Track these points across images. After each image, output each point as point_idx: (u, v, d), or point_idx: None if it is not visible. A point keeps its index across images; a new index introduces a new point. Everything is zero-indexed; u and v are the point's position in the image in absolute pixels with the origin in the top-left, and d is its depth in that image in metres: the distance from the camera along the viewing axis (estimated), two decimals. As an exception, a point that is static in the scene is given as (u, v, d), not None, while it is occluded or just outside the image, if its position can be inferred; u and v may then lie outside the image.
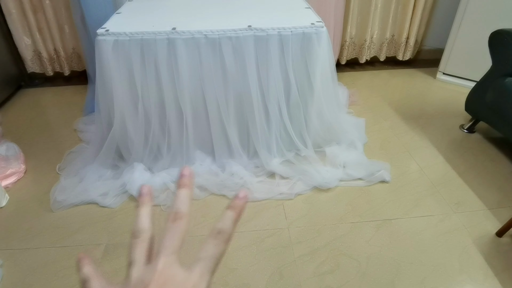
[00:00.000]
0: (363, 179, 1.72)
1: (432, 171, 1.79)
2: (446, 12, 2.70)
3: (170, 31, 1.47)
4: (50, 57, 2.58)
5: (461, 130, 2.10)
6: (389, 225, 1.50)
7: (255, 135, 1.75)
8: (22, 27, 2.47)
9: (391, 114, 2.26)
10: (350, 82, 2.63)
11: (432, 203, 1.61)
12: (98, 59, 1.49)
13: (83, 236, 1.49)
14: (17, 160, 1.85)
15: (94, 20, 2.04)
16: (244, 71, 1.59)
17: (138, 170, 1.68)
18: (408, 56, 2.83)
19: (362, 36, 2.73)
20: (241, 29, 1.52)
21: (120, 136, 1.67)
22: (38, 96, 2.57)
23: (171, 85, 1.56)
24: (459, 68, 2.55)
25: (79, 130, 2.11)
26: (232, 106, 1.68)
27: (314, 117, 1.77)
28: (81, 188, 1.66)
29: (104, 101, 1.60)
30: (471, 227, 1.49)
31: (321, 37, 1.57)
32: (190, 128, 1.69)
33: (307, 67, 1.63)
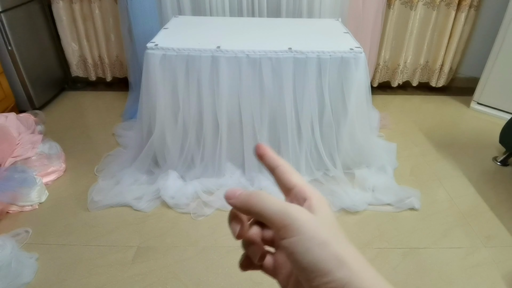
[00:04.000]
0: (392, 204, 1.72)
1: (462, 201, 1.77)
2: (483, 41, 2.68)
3: (215, 49, 1.55)
4: (94, 63, 2.73)
5: (494, 162, 2.07)
6: (417, 254, 1.49)
7: (286, 152, 1.79)
8: (71, 34, 2.62)
9: (422, 141, 2.26)
10: (382, 105, 2.63)
11: (462, 234, 1.59)
12: (146, 70, 1.58)
13: (116, 237, 1.55)
14: (58, 159, 1.95)
15: (140, 31, 2.15)
16: (281, 91, 1.65)
17: (171, 177, 1.75)
18: (441, 83, 2.81)
19: (395, 60, 2.74)
20: (281, 51, 1.58)
21: (158, 144, 1.75)
22: (79, 99, 2.71)
23: (210, 99, 1.63)
24: (494, 99, 2.52)
25: (117, 134, 2.21)
26: (266, 122, 1.73)
27: (346, 138, 1.80)
28: (117, 190, 1.74)
29: (147, 110, 1.69)
30: (500, 262, 1.47)
31: (359, 62, 1.61)
32: (224, 141, 1.75)
33: (343, 90, 1.67)
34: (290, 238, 0.26)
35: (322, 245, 0.25)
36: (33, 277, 1.37)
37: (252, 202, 0.28)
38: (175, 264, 1.44)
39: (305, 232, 0.26)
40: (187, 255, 1.47)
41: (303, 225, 0.26)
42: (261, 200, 0.28)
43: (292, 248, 0.26)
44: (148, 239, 1.55)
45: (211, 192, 1.75)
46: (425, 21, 2.59)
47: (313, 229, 0.26)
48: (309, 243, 0.25)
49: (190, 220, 1.64)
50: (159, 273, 1.40)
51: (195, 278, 1.38)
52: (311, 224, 0.26)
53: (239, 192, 0.29)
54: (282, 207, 0.27)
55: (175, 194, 1.71)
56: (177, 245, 1.52)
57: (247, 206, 0.28)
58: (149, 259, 1.46)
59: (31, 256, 1.44)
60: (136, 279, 1.38)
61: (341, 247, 0.26)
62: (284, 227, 0.26)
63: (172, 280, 1.37)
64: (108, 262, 1.44)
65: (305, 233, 0.26)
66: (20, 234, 1.56)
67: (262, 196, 0.28)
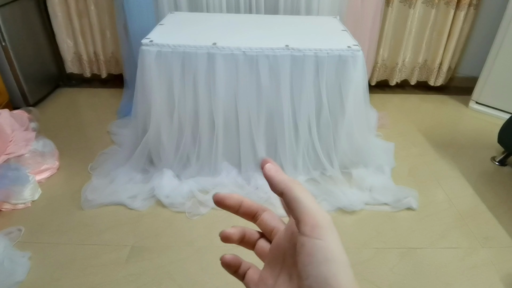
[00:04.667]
0: (389, 204, 1.70)
1: (461, 202, 1.76)
2: (483, 40, 2.67)
3: (211, 46, 1.52)
4: (89, 60, 2.70)
5: (493, 162, 2.06)
6: (414, 254, 1.48)
7: (283, 151, 1.77)
8: (66, 30, 2.59)
9: (421, 140, 2.24)
10: (380, 104, 2.62)
11: (460, 235, 1.58)
12: (141, 67, 1.55)
13: (110, 236, 1.53)
14: (52, 156, 1.92)
15: (136, 28, 2.12)
16: (278, 89, 1.63)
17: (167, 176, 1.73)
18: (440, 82, 2.80)
19: (394, 59, 2.73)
20: (278, 48, 1.56)
21: (153, 142, 1.72)
22: (74, 96, 2.69)
23: (206, 97, 1.61)
24: (493, 98, 2.50)
25: (112, 132, 2.19)
26: (263, 121, 1.71)
27: (343, 138, 1.78)
28: (112, 189, 1.71)
29: (141, 107, 1.67)
30: (499, 263, 1.45)
31: (357, 60, 1.59)
32: (220, 139, 1.73)
33: (341, 89, 1.65)
34: (315, 239, 0.25)
35: (342, 264, 0.25)
36: (26, 276, 1.35)
37: (294, 186, 0.28)
38: (169, 264, 1.42)
39: (330, 242, 0.25)
40: (182, 255, 1.46)
41: (331, 234, 0.26)
42: (302, 190, 0.28)
43: (311, 250, 0.25)
44: (143, 239, 1.53)
45: (206, 191, 1.73)
46: (424, 20, 2.57)
47: (337, 243, 0.26)
48: (330, 254, 0.25)
49: (185, 220, 1.62)
50: (154, 273, 1.38)
51: (190, 279, 1.36)
52: (336, 238, 0.26)
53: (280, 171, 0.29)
54: (318, 207, 0.27)
55: (170, 193, 1.69)
56: (172, 244, 1.50)
57: (288, 186, 0.28)
58: (144, 259, 1.44)
59: (23, 255, 1.42)
60: (130, 279, 1.36)
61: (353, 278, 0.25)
62: (313, 225, 0.26)
63: (167, 280, 1.36)
64: (102, 262, 1.42)
65: (330, 243, 0.25)
66: (13, 233, 1.53)
67: (303, 188, 0.28)
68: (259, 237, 0.35)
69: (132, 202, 1.66)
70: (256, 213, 0.35)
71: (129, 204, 1.66)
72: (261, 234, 0.35)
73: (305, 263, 0.25)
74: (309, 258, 0.25)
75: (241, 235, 0.35)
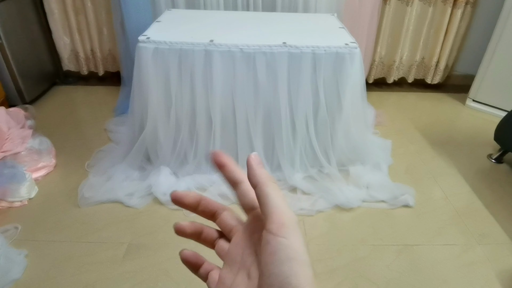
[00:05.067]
0: (386, 201, 1.71)
1: (457, 199, 1.76)
2: (480, 38, 2.67)
3: (208, 43, 1.52)
4: (86, 57, 2.68)
5: (489, 159, 2.07)
6: (411, 251, 1.48)
7: (280, 148, 1.77)
8: (63, 27, 2.58)
9: (418, 138, 2.25)
10: (377, 102, 2.62)
11: (456, 232, 1.58)
12: (137, 64, 1.55)
13: (107, 234, 1.53)
14: (48, 154, 1.92)
15: (133, 25, 2.11)
16: (275, 86, 1.62)
17: (164, 174, 1.73)
18: (437, 80, 2.80)
19: (391, 57, 2.73)
20: (276, 45, 1.55)
21: (150, 140, 1.72)
22: (71, 94, 2.67)
23: (204, 94, 1.60)
24: (490, 96, 2.51)
25: (109, 130, 2.18)
26: (260, 118, 1.70)
27: (341, 135, 1.78)
28: (108, 186, 1.71)
29: (138, 105, 1.66)
30: (495, 260, 1.46)
31: (354, 57, 1.59)
32: (217, 137, 1.73)
33: (338, 86, 1.65)
34: (280, 237, 0.26)
35: (303, 264, 0.25)
36: (22, 274, 1.35)
37: (269, 183, 0.28)
38: (166, 262, 1.41)
39: (294, 241, 0.26)
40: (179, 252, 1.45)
41: (296, 234, 0.26)
42: (276, 188, 0.28)
43: (275, 248, 0.25)
44: (140, 236, 1.52)
45: (204, 188, 1.73)
46: (421, 18, 2.57)
47: (300, 244, 0.26)
48: (293, 254, 0.25)
49: (182, 217, 1.61)
50: (151, 271, 1.38)
51: (186, 276, 1.36)
52: (300, 238, 0.26)
53: (262, 166, 0.30)
54: (286, 207, 0.27)
55: (167, 190, 1.68)
56: (169, 242, 1.50)
57: (264, 181, 0.28)
58: (141, 256, 1.44)
59: (20, 253, 1.42)
60: (127, 276, 1.36)
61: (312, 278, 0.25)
62: (279, 224, 0.26)
63: (164, 277, 1.36)
64: (98, 259, 1.42)
65: (294, 243, 0.26)
66: (9, 230, 1.53)
67: (276, 187, 0.29)
68: (219, 236, 0.35)
69: (129, 200, 1.66)
70: (216, 212, 0.35)
71: (126, 201, 1.66)
72: (220, 233, 0.35)
73: (267, 262, 0.25)
74: (272, 257, 0.25)
75: (197, 231, 0.35)
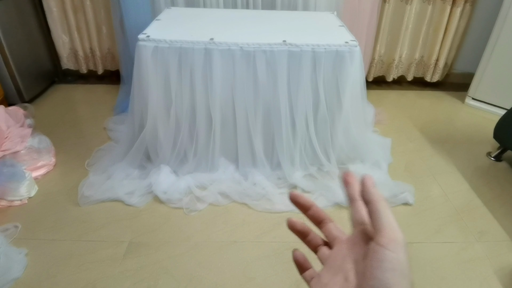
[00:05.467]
0: (385, 199, 1.71)
1: (456, 197, 1.77)
2: (479, 37, 2.68)
3: (208, 41, 1.52)
4: (85, 56, 2.68)
5: (488, 157, 2.07)
6: (410, 248, 1.49)
7: (280, 146, 1.78)
8: (61, 25, 2.57)
9: (417, 136, 2.25)
10: (377, 100, 2.62)
11: (455, 230, 1.59)
12: (137, 63, 1.55)
13: (108, 232, 1.53)
14: (48, 153, 1.91)
15: (132, 24, 2.11)
16: (275, 84, 1.62)
17: (164, 172, 1.73)
18: (436, 78, 2.81)
19: (391, 55, 2.73)
20: (276, 44, 1.55)
21: (150, 138, 1.72)
22: (70, 93, 2.67)
23: (204, 93, 1.60)
24: (489, 95, 2.52)
25: (108, 128, 2.18)
26: (260, 117, 1.71)
27: (340, 133, 1.78)
28: (108, 185, 1.71)
29: (138, 103, 1.66)
30: (493, 257, 1.47)
31: (354, 56, 1.59)
32: (217, 135, 1.73)
33: (338, 84, 1.65)
34: (390, 251, 0.28)
35: (405, 277, 0.27)
36: (22, 273, 1.35)
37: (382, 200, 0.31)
38: (167, 260, 1.42)
39: (401, 256, 0.28)
40: (179, 250, 1.46)
41: (403, 251, 0.28)
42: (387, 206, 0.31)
43: (382, 256, 0.28)
44: (140, 235, 1.52)
45: (204, 187, 1.73)
46: (420, 16, 2.58)
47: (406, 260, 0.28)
48: (399, 265, 0.27)
49: (182, 215, 1.62)
50: (151, 269, 1.38)
51: (187, 274, 1.37)
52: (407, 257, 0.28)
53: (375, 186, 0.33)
54: (397, 225, 0.30)
55: (167, 189, 1.69)
56: (169, 240, 1.50)
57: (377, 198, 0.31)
58: (141, 255, 1.44)
59: (20, 252, 1.42)
60: (127, 274, 1.36)
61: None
62: (390, 239, 0.28)
63: (164, 275, 1.36)
64: (99, 258, 1.42)
65: (401, 257, 0.28)
66: (9, 229, 1.53)
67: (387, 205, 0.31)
68: (322, 243, 0.39)
69: (129, 198, 1.66)
70: (323, 221, 0.39)
71: (126, 200, 1.66)
72: (324, 241, 0.39)
73: (374, 266, 0.28)
74: (378, 263, 0.28)
75: (305, 231, 0.40)
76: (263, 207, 1.65)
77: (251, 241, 1.51)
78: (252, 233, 1.54)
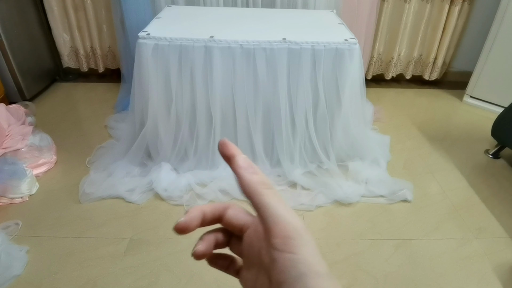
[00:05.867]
0: (384, 196, 1.73)
1: (454, 194, 1.78)
2: (477, 35, 2.69)
3: (208, 39, 1.53)
4: (86, 54, 2.69)
5: (486, 155, 2.09)
6: (409, 245, 1.50)
7: (280, 144, 1.79)
8: (62, 24, 2.58)
9: (415, 134, 2.26)
10: (375, 98, 2.64)
11: (453, 226, 1.60)
12: (138, 61, 1.56)
13: (109, 229, 1.54)
14: (49, 150, 1.92)
15: (133, 22, 2.12)
16: (275, 82, 1.64)
17: (164, 170, 1.74)
18: (435, 77, 2.82)
19: (389, 53, 2.74)
20: (275, 41, 1.56)
21: (151, 136, 1.73)
22: (71, 91, 2.68)
23: (204, 90, 1.61)
24: (487, 93, 2.53)
25: (109, 126, 2.18)
26: (260, 114, 1.72)
27: (340, 131, 1.80)
28: (109, 182, 1.72)
29: (139, 101, 1.67)
30: (491, 254, 1.48)
31: (353, 53, 1.60)
32: (217, 133, 1.74)
33: (337, 82, 1.66)
34: (287, 253, 0.23)
35: (318, 276, 0.22)
36: (23, 270, 1.36)
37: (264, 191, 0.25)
38: (168, 256, 1.43)
39: (304, 254, 0.23)
40: (180, 247, 1.47)
41: (305, 244, 0.23)
42: (273, 194, 0.25)
43: (283, 266, 0.23)
44: (141, 232, 1.53)
45: (204, 184, 1.74)
46: (419, 15, 2.59)
47: (312, 254, 0.23)
48: (305, 268, 0.23)
49: (183, 212, 1.60)
50: (152, 265, 1.39)
51: (188, 271, 1.38)
52: (311, 248, 0.23)
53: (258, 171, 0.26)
54: (290, 215, 0.24)
55: (168, 186, 1.70)
56: (170, 237, 1.51)
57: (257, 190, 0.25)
58: (142, 252, 1.45)
59: (21, 249, 1.43)
60: (128, 271, 1.37)
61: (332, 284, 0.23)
62: (284, 237, 0.23)
63: (165, 272, 1.37)
64: (100, 255, 1.43)
65: (304, 256, 0.23)
66: (10, 227, 1.54)
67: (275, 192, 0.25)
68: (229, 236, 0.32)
69: (130, 195, 1.67)
70: (219, 215, 0.31)
71: (127, 197, 1.67)
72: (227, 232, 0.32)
73: (279, 280, 0.23)
74: (283, 276, 0.23)
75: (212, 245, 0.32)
76: (263, 204, 1.66)
77: (251, 237, 1.52)
78: (252, 230, 1.55)
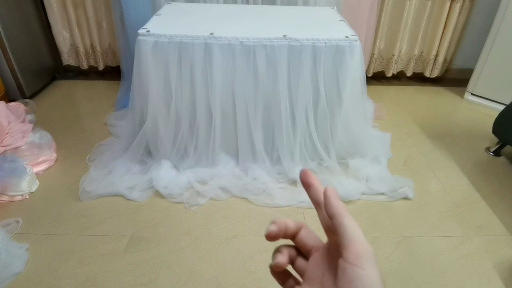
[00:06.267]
0: (385, 194, 1.72)
1: (455, 192, 1.78)
2: (478, 32, 2.68)
3: (208, 36, 1.52)
4: (86, 52, 2.68)
5: (487, 152, 2.08)
6: (410, 243, 1.50)
7: (280, 141, 1.78)
8: (62, 22, 2.57)
9: (416, 131, 2.26)
10: (376, 96, 2.63)
11: (454, 224, 1.60)
12: (137, 58, 1.55)
13: (109, 227, 1.54)
14: (49, 148, 1.92)
15: (133, 19, 2.11)
16: (275, 79, 1.63)
17: (164, 167, 1.73)
18: (435, 74, 2.81)
19: (390, 50, 2.73)
20: (276, 38, 1.56)
21: (150, 133, 1.73)
22: (71, 88, 2.67)
23: (204, 88, 1.61)
24: (488, 90, 2.52)
25: (109, 124, 2.18)
26: (260, 111, 1.71)
27: (340, 128, 1.79)
28: (109, 180, 1.72)
29: (139, 99, 1.66)
30: (492, 251, 1.48)
31: (354, 50, 1.59)
32: (217, 130, 1.73)
33: (338, 79, 1.65)
34: (357, 267, 0.27)
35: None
36: (24, 268, 1.36)
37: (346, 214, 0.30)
38: (168, 254, 1.43)
39: (370, 272, 0.27)
40: (180, 244, 1.47)
41: (373, 266, 0.27)
42: (352, 219, 0.30)
43: (351, 277, 0.27)
44: (141, 229, 1.53)
45: (204, 182, 1.74)
46: (420, 12, 2.58)
47: (377, 275, 0.27)
48: (369, 283, 0.26)
49: (183, 210, 1.63)
50: (152, 263, 1.39)
51: (188, 268, 1.38)
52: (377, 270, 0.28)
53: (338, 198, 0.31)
54: (364, 239, 0.29)
55: (168, 184, 1.69)
56: (170, 234, 1.51)
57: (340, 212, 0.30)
58: (142, 249, 1.45)
59: (21, 246, 1.42)
60: (129, 268, 1.37)
61: None
62: (357, 254, 0.27)
63: (165, 269, 1.37)
64: (100, 252, 1.43)
65: (370, 273, 0.27)
66: (10, 224, 1.53)
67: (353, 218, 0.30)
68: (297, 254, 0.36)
69: (130, 193, 1.67)
70: (294, 232, 0.36)
71: (127, 195, 1.66)
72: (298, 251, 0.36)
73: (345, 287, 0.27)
74: (349, 285, 0.27)
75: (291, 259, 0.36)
76: (263, 202, 1.66)
77: (251, 235, 1.52)
78: (252, 228, 1.55)
